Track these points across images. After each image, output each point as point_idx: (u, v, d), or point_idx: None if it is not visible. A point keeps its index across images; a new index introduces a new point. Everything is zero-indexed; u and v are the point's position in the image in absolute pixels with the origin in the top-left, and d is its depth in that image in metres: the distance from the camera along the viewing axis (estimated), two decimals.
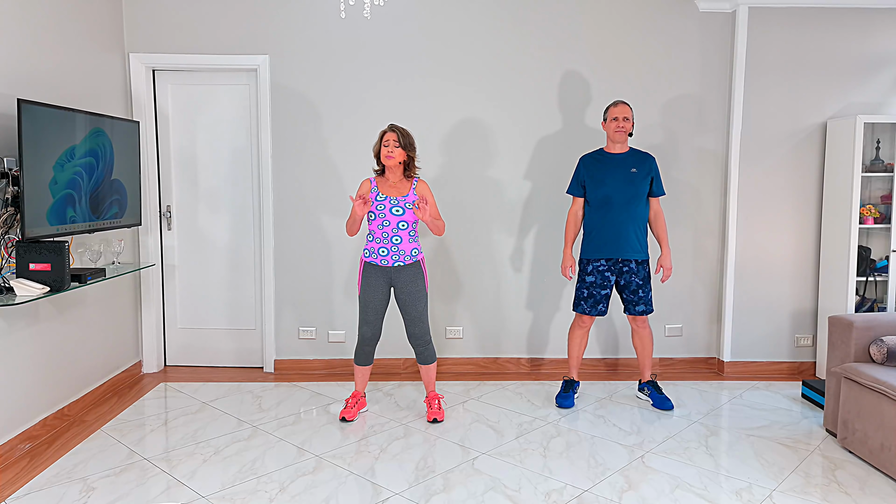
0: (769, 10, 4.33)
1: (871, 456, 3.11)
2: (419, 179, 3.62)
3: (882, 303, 4.31)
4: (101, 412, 3.80)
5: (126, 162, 3.89)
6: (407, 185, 3.58)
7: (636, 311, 3.86)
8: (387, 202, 3.52)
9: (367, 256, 3.59)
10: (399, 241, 3.53)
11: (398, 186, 3.57)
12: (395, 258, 3.54)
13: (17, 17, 3.26)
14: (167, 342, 4.66)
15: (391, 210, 3.51)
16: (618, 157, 3.83)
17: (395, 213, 3.52)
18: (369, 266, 3.59)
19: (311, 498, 2.81)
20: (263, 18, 4.35)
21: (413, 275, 3.58)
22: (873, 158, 4.28)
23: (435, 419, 3.64)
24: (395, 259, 3.54)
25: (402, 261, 3.55)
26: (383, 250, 3.54)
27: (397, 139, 3.50)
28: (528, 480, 2.98)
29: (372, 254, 3.57)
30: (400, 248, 3.54)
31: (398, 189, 3.56)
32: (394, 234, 3.53)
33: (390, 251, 3.53)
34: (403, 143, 3.50)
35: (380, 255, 3.55)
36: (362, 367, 3.70)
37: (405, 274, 3.57)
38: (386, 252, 3.54)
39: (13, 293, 2.98)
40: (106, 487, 2.90)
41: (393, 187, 3.56)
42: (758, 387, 4.31)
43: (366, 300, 3.59)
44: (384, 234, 3.53)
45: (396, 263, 3.55)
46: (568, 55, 4.41)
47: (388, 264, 3.55)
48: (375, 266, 3.57)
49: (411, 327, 3.63)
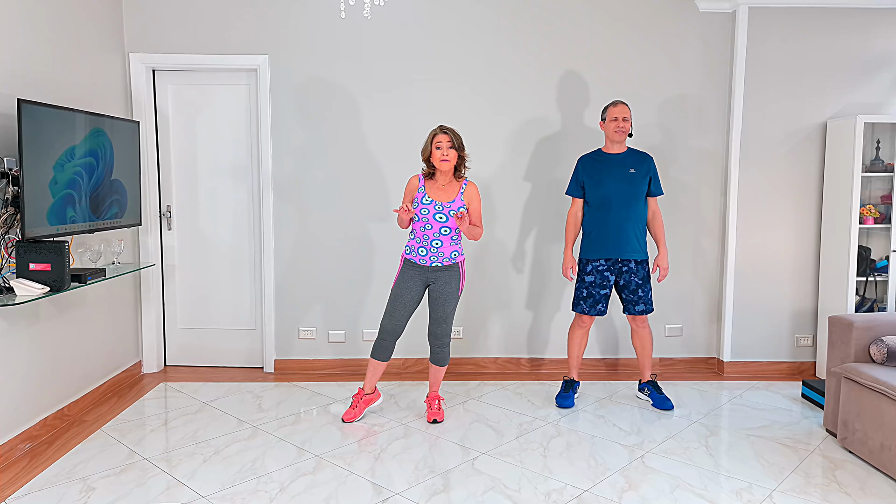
0: (769, 10, 4.33)
1: (871, 456, 3.11)
2: (469, 181, 3.57)
3: (882, 303, 4.31)
4: (101, 412, 3.80)
5: (126, 162, 3.89)
6: (456, 187, 3.53)
7: (636, 310, 3.86)
8: (431, 207, 3.48)
9: (408, 253, 3.58)
10: (440, 244, 3.51)
11: (447, 189, 3.52)
12: (433, 259, 3.53)
13: (17, 17, 3.26)
14: (167, 342, 4.66)
15: (434, 216, 3.48)
16: (616, 157, 3.83)
17: (439, 219, 3.48)
18: (409, 263, 3.58)
19: (311, 498, 2.81)
20: (263, 18, 4.35)
21: (450, 276, 3.57)
22: (873, 158, 4.28)
23: (435, 420, 3.63)
24: (433, 260, 3.54)
25: (441, 262, 3.54)
26: (423, 251, 3.53)
27: (451, 140, 3.44)
28: (528, 480, 2.98)
29: (412, 252, 3.56)
30: (440, 251, 3.52)
31: (446, 192, 3.51)
32: (434, 239, 3.51)
33: (430, 252, 3.53)
34: (456, 145, 3.45)
35: (419, 255, 3.54)
36: (377, 363, 3.64)
37: (443, 274, 3.56)
38: (425, 252, 3.53)
39: (13, 293, 2.98)
40: (106, 487, 2.90)
41: (441, 190, 3.51)
42: (758, 387, 4.31)
43: (396, 294, 3.57)
44: (425, 236, 3.51)
45: (435, 264, 3.54)
46: (567, 55, 4.41)
47: (427, 264, 3.55)
48: (414, 264, 3.57)
49: (435, 326, 3.62)
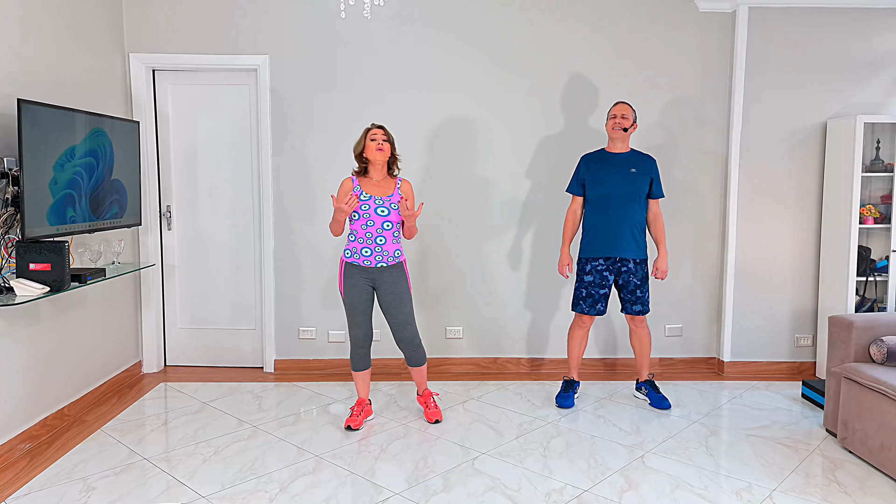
0: (769, 10, 4.32)
1: (871, 456, 3.11)
2: (403, 179, 3.56)
3: (882, 303, 4.31)
4: (101, 412, 3.80)
5: (126, 162, 3.89)
6: (391, 183, 3.50)
7: (633, 310, 3.86)
8: (371, 202, 3.42)
9: (349, 257, 3.49)
10: (383, 241, 3.45)
11: (382, 185, 3.48)
12: (378, 259, 3.45)
13: (17, 17, 3.26)
14: (167, 342, 4.66)
15: (376, 210, 3.42)
16: (618, 156, 3.83)
17: (381, 213, 3.42)
18: (351, 266, 3.49)
19: (311, 498, 2.81)
20: (263, 18, 4.35)
21: (396, 276, 3.49)
22: (873, 158, 4.28)
23: (436, 420, 3.62)
24: (378, 260, 3.45)
25: (386, 262, 3.47)
26: (367, 251, 3.45)
27: (385, 134, 3.46)
28: (528, 480, 2.98)
29: (354, 254, 3.47)
30: (384, 249, 3.45)
31: (382, 188, 3.47)
32: (378, 235, 3.44)
33: (374, 252, 3.45)
34: (390, 139, 3.47)
35: (363, 256, 3.45)
36: (361, 373, 3.61)
37: (388, 275, 3.48)
38: (370, 252, 3.45)
39: (13, 293, 2.98)
40: (106, 487, 2.90)
41: (377, 186, 3.47)
42: (758, 387, 4.31)
43: (352, 302, 3.49)
44: (368, 234, 3.44)
45: (380, 264, 3.46)
46: (567, 55, 4.41)
47: (372, 265, 3.46)
48: (358, 267, 3.47)
49: (400, 331, 3.54)
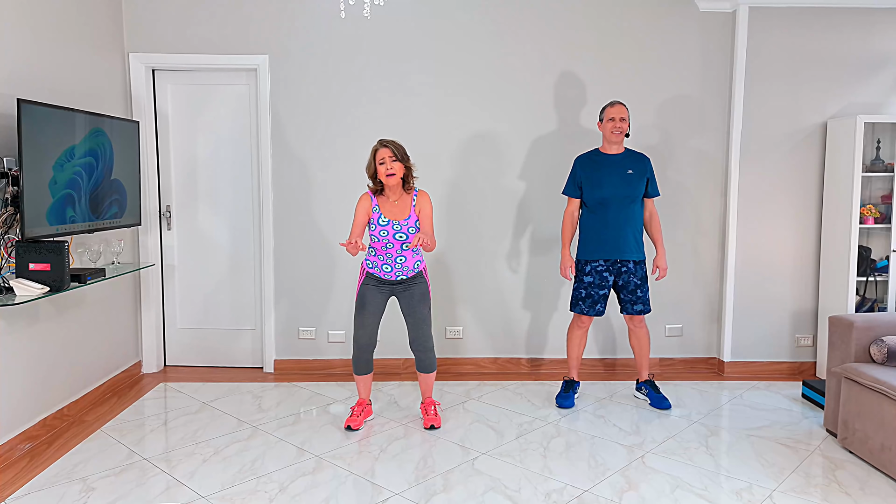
0: (769, 10, 4.32)
1: (871, 456, 3.11)
2: (419, 191, 3.50)
3: (882, 303, 4.30)
4: (101, 412, 3.80)
5: (126, 162, 3.89)
6: (408, 200, 3.46)
7: (634, 310, 3.86)
8: (389, 227, 3.41)
9: (371, 268, 3.50)
10: (403, 259, 3.46)
11: (400, 205, 3.44)
12: (398, 274, 3.48)
13: (17, 17, 3.26)
14: (167, 342, 4.66)
15: (395, 236, 3.42)
16: (614, 157, 3.83)
17: (399, 238, 3.42)
18: (372, 276, 3.52)
19: (311, 498, 2.81)
20: (263, 18, 4.35)
21: (416, 283, 3.53)
22: (873, 158, 4.28)
23: (432, 426, 3.58)
24: (398, 275, 3.48)
25: (406, 275, 3.49)
26: (387, 267, 3.46)
27: (393, 153, 3.36)
28: (528, 480, 2.98)
29: (375, 267, 3.49)
30: (404, 266, 3.47)
31: (400, 209, 3.44)
32: (398, 255, 3.45)
33: (394, 268, 3.46)
34: (399, 157, 3.37)
35: (383, 271, 3.47)
36: (363, 377, 3.62)
37: (408, 283, 3.52)
38: (389, 269, 3.46)
39: (13, 293, 2.98)
40: (106, 487, 2.90)
41: (395, 207, 3.43)
42: (758, 387, 4.30)
43: (363, 302, 3.51)
44: (388, 255, 3.45)
45: (400, 277, 3.49)
46: (566, 55, 4.40)
47: (392, 279, 3.49)
48: (378, 278, 3.50)
49: (414, 331, 3.56)
